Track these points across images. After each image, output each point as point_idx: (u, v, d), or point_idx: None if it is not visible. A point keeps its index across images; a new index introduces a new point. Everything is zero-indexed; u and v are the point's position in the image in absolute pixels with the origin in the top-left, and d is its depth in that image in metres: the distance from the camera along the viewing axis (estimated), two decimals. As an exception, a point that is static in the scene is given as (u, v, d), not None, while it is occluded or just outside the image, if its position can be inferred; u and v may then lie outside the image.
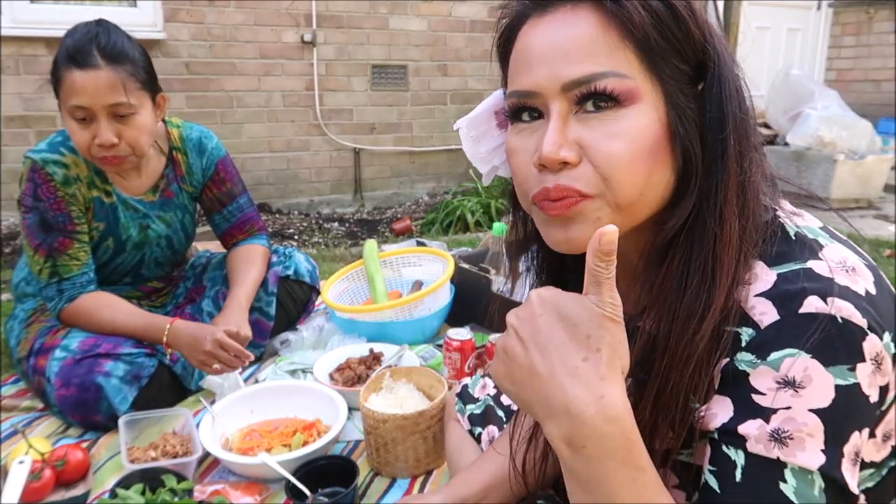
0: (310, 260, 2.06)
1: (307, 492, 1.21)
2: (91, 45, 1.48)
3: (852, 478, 0.55)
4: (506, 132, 0.68)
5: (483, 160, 0.75)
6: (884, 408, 0.60)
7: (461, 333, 1.72)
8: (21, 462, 1.26)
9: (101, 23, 1.54)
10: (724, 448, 0.57)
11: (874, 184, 4.42)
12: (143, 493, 1.20)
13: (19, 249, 2.97)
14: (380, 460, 1.38)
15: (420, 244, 2.43)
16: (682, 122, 0.60)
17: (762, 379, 0.55)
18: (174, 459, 1.34)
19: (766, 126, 4.88)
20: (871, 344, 0.54)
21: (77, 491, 1.30)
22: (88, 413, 1.51)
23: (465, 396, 1.22)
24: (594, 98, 0.59)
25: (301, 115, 4.19)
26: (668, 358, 0.60)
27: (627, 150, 0.58)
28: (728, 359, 0.58)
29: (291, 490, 1.21)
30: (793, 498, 0.54)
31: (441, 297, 2.02)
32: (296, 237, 3.77)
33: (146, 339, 1.59)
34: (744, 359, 0.57)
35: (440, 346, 1.84)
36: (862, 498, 0.64)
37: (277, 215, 4.12)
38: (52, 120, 3.51)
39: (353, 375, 1.68)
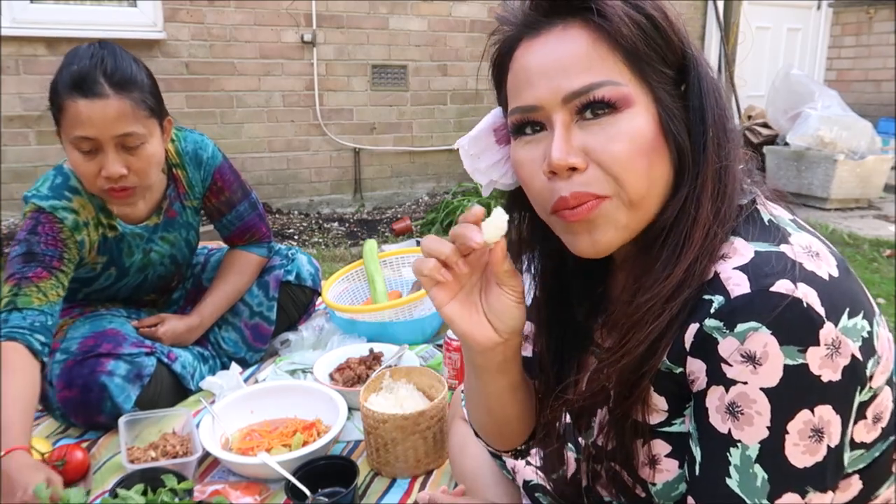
0: (313, 262, 2.03)
1: (307, 492, 1.21)
2: (96, 71, 1.38)
3: (803, 454, 0.59)
4: (504, 147, 0.75)
5: (483, 174, 0.78)
6: (874, 386, 0.64)
7: (461, 333, 1.71)
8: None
9: (104, 45, 1.44)
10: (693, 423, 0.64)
11: (874, 184, 4.42)
12: (143, 493, 1.20)
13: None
14: (380, 460, 1.38)
15: (420, 244, 2.43)
16: (671, 120, 0.65)
17: (729, 349, 0.60)
18: (174, 459, 1.34)
19: (766, 126, 4.88)
20: (828, 331, 0.58)
21: (77, 491, 1.30)
22: (92, 414, 1.51)
23: None
24: (593, 106, 0.64)
25: (301, 115, 4.19)
26: (626, 320, 0.66)
27: (628, 149, 0.63)
28: (698, 324, 0.62)
29: (291, 490, 1.21)
30: (737, 490, 0.60)
31: (441, 297, 2.02)
32: (296, 237, 3.77)
33: None
34: (712, 325, 0.60)
35: (440, 346, 1.84)
36: (856, 478, 0.68)
37: (277, 215, 4.12)
38: (52, 120, 3.50)
39: (353, 375, 1.68)
